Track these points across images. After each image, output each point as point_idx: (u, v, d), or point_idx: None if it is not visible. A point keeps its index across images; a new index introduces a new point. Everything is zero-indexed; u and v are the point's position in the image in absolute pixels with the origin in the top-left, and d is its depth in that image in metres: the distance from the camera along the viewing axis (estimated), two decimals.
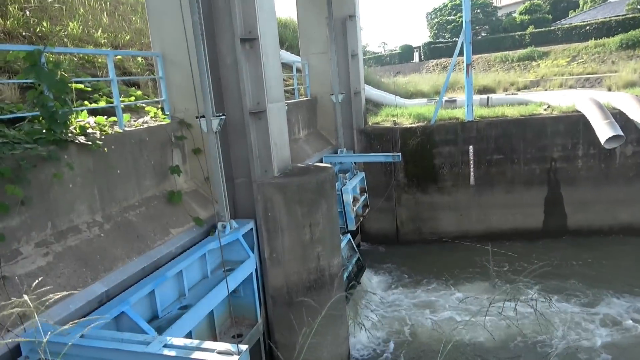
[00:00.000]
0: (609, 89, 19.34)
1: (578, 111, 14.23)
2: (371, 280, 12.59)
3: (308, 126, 13.67)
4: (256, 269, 7.92)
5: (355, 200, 13.28)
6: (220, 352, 3.92)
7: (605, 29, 32.15)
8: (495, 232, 14.68)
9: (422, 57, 45.68)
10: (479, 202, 14.62)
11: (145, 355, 3.97)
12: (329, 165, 8.82)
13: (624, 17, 32.25)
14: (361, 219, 13.50)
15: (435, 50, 42.95)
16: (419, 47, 47.27)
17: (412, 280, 12.61)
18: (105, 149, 6.15)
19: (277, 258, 8.05)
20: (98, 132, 6.27)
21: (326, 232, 8.20)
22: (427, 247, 14.55)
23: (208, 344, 4.05)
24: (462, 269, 12.84)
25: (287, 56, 18.09)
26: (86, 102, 7.05)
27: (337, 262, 8.59)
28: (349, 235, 12.56)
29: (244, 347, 3.92)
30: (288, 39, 20.37)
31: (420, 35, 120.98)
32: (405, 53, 48.55)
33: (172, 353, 3.94)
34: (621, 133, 12.68)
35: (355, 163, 13.99)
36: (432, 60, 41.23)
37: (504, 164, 14.40)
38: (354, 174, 13.75)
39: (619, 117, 13.62)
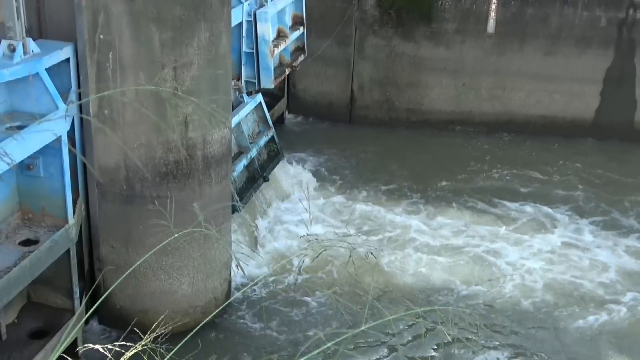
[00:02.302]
0: None
1: None
2: (288, 176, 9.16)
3: None
4: (70, 132, 5.53)
5: (281, 36, 9.22)
6: None
7: None
8: (517, 118, 10.65)
9: None
10: (498, 65, 10.31)
11: None
12: None
13: None
14: (288, 70, 9.63)
15: None
16: None
17: (356, 183, 9.27)
18: None
19: (112, 117, 5.80)
20: None
21: (204, 80, 5.89)
22: (399, 133, 10.66)
23: None
24: (451, 174, 9.37)
25: None
26: None
27: (221, 138, 6.48)
28: (260, 97, 8.99)
29: None
30: None
31: None
32: None
33: None
34: None
35: None
36: None
37: (549, 3, 10.00)
38: None
39: None
